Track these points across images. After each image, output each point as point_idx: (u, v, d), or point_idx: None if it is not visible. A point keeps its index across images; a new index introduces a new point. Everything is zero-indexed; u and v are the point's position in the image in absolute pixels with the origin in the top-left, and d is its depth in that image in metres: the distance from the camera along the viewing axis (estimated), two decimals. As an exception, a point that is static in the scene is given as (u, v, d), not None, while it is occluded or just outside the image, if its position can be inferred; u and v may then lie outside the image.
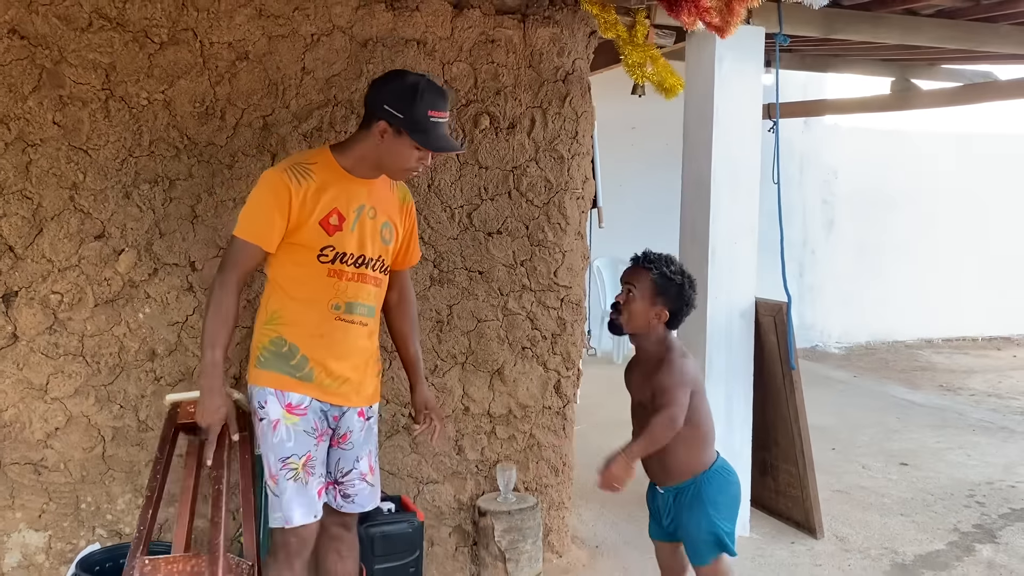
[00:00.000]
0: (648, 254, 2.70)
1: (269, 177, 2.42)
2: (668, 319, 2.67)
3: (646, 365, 2.70)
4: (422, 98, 2.37)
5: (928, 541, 3.94)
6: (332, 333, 2.47)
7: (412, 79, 2.42)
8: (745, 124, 3.82)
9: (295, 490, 2.47)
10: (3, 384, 2.86)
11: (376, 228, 2.51)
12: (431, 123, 2.39)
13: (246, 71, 3.01)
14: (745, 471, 3.95)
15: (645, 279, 2.65)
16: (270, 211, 2.38)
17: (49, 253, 2.87)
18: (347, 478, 2.61)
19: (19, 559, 2.94)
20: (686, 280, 2.67)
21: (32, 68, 2.79)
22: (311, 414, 2.48)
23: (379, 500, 2.71)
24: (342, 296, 2.46)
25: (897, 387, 7.18)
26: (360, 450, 2.62)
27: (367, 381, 2.59)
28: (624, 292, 2.68)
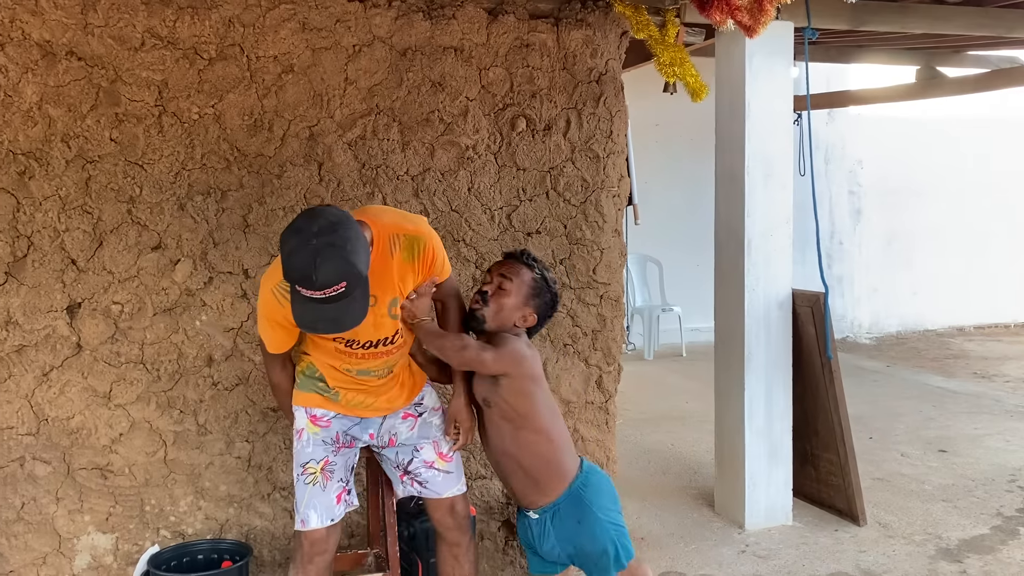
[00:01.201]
0: (530, 252, 2.56)
1: (263, 296, 2.40)
2: (532, 326, 2.50)
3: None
4: (288, 264, 2.14)
5: (972, 526, 3.97)
6: (348, 384, 2.58)
7: (295, 238, 2.13)
8: (777, 118, 3.87)
9: (312, 493, 2.55)
10: (70, 393, 2.97)
11: (382, 313, 2.43)
12: (298, 294, 2.16)
13: (292, 83, 3.10)
14: (787, 461, 4.00)
15: (525, 276, 2.45)
16: (273, 328, 2.45)
17: (109, 265, 2.98)
18: (412, 467, 2.67)
19: (89, 560, 3.05)
20: (558, 291, 2.57)
21: (89, 88, 2.90)
22: (335, 426, 2.61)
23: (459, 487, 2.68)
24: (353, 365, 2.53)
25: (931, 375, 7.18)
26: (417, 442, 2.68)
27: (395, 396, 2.64)
28: (495, 283, 2.46)
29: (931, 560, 3.62)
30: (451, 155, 3.34)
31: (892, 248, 9.06)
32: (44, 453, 2.97)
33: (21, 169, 2.86)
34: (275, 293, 2.36)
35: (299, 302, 2.17)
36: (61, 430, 2.98)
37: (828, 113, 8.59)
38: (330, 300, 2.13)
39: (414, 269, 2.44)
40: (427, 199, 3.32)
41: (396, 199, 3.28)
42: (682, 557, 3.68)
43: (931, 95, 6.73)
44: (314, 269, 2.08)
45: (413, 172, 3.30)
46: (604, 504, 2.50)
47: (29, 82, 2.84)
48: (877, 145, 8.90)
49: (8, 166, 2.85)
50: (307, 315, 2.19)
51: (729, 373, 4.01)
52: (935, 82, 6.44)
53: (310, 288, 2.11)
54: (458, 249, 3.38)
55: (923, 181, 9.03)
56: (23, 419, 2.94)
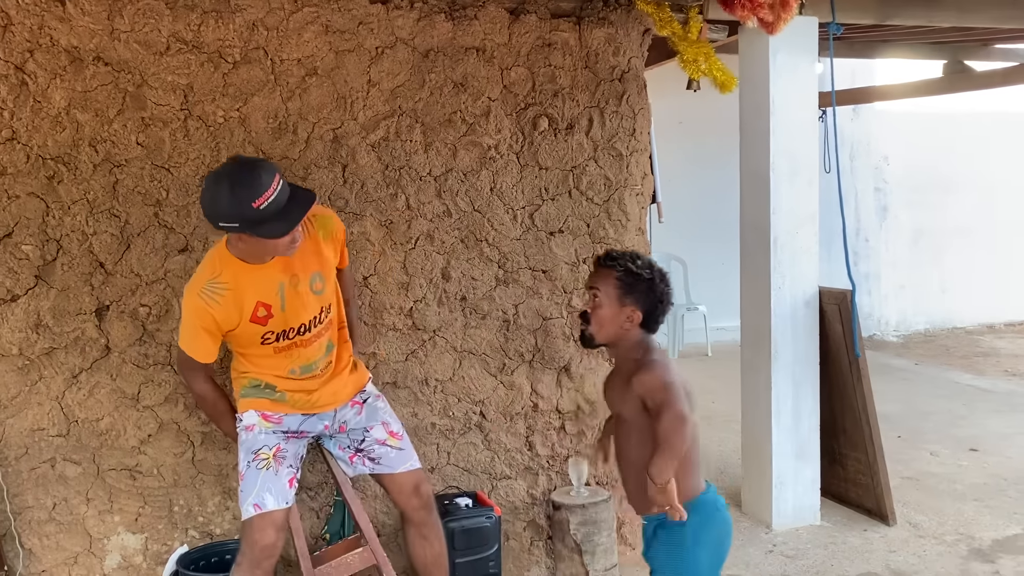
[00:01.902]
0: (609, 252, 2.40)
1: (188, 302, 2.51)
2: (642, 320, 2.34)
3: (621, 374, 2.37)
4: (237, 197, 2.27)
5: (1004, 526, 3.91)
6: (296, 387, 2.67)
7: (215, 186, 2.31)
8: (801, 114, 3.83)
9: (266, 477, 2.59)
10: (99, 394, 3.01)
11: (305, 291, 2.56)
12: (264, 211, 2.28)
13: (315, 86, 3.12)
14: (814, 460, 3.97)
15: (609, 280, 2.34)
16: (198, 332, 2.53)
17: (137, 268, 3.01)
18: (364, 444, 2.76)
19: (119, 560, 3.08)
20: (656, 274, 2.35)
21: (116, 92, 2.93)
22: (287, 423, 2.69)
23: (413, 462, 2.77)
24: (296, 362, 2.63)
25: (960, 373, 7.08)
26: (366, 423, 2.76)
27: (341, 389, 2.74)
28: (590, 298, 2.38)
29: (963, 560, 3.57)
30: (473, 155, 3.34)
31: (919, 245, 8.94)
32: (74, 454, 3.00)
33: (50, 174, 2.90)
34: (202, 295, 2.48)
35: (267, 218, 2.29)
36: (91, 431, 3.01)
37: (853, 109, 8.50)
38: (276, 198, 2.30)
39: (332, 242, 2.64)
40: (450, 199, 3.32)
41: (419, 199, 3.29)
42: (709, 557, 3.65)
43: (959, 89, 6.63)
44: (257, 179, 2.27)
45: (436, 173, 3.31)
46: (702, 537, 2.30)
47: (57, 87, 2.87)
48: (903, 141, 8.79)
49: (37, 171, 2.89)
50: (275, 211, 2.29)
51: (756, 372, 3.98)
52: (962, 76, 6.35)
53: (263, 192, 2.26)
54: (481, 249, 3.38)
55: (951, 177, 8.90)
56: (54, 421, 2.98)
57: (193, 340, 2.56)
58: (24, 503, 2.97)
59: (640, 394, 2.25)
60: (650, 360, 2.29)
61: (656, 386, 2.22)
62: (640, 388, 2.25)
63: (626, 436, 2.35)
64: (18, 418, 2.94)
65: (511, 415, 3.47)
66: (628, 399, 2.30)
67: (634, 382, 2.26)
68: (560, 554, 3.37)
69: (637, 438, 2.31)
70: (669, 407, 2.18)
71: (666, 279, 2.37)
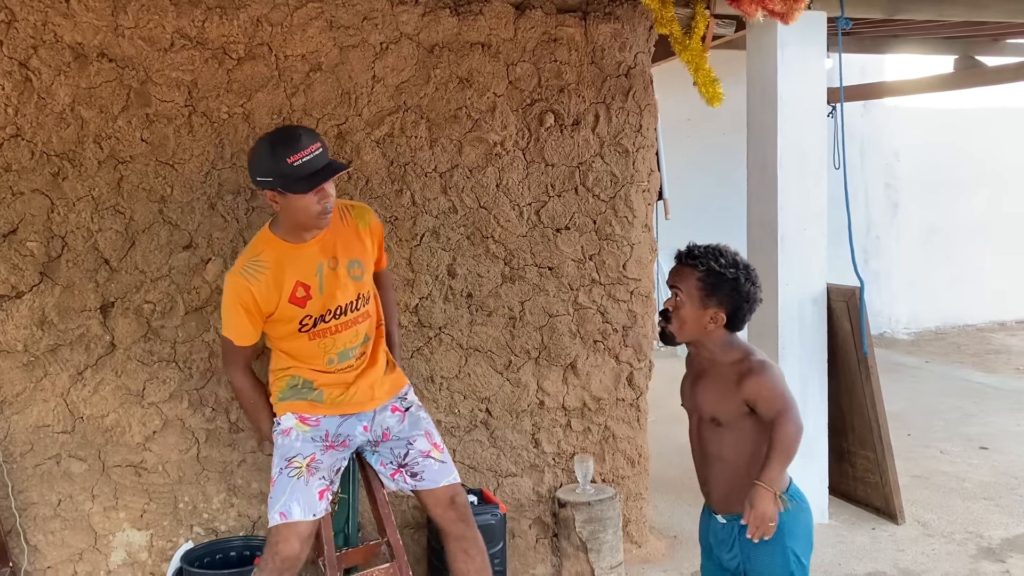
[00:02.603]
0: (692, 249, 2.30)
1: (229, 282, 2.54)
2: (727, 320, 2.26)
3: (716, 376, 2.29)
4: (275, 154, 2.39)
5: (1015, 524, 3.87)
6: (333, 380, 2.65)
7: (259, 144, 2.48)
8: (810, 110, 3.80)
9: (296, 487, 2.54)
10: (104, 391, 3.01)
11: (343, 275, 2.58)
12: (299, 167, 2.37)
13: (320, 82, 3.11)
14: (822, 458, 3.94)
15: (691, 279, 2.25)
16: (239, 314, 2.54)
17: (141, 264, 3.01)
18: (408, 459, 2.68)
19: (124, 557, 3.08)
20: (741, 272, 2.24)
21: (120, 89, 2.93)
22: (324, 425, 2.64)
23: (453, 476, 2.69)
24: (331, 351, 2.61)
25: (971, 371, 7.03)
26: (409, 435, 2.70)
27: (377, 385, 2.70)
28: (672, 297, 2.29)
29: (972, 559, 3.54)
30: (479, 151, 3.33)
31: (930, 242, 8.88)
32: (79, 451, 3.01)
33: (55, 170, 2.90)
34: (243, 273, 2.51)
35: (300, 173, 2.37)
36: (96, 428, 3.01)
37: (863, 105, 8.44)
38: (315, 158, 2.39)
39: (364, 237, 2.65)
40: (455, 196, 3.31)
41: (424, 196, 3.27)
42: (716, 556, 3.63)
43: (970, 85, 6.57)
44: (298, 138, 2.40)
45: (441, 169, 3.29)
46: (797, 535, 2.25)
47: (62, 84, 2.87)
48: (914, 137, 8.73)
49: (42, 167, 2.89)
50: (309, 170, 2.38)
51: (763, 369, 3.94)
52: (974, 72, 6.30)
53: (300, 151, 2.37)
54: (487, 246, 3.37)
55: (962, 173, 8.83)
56: (59, 417, 2.98)
57: (232, 320, 2.56)
58: (29, 499, 2.98)
59: (749, 398, 2.20)
60: (759, 363, 2.23)
61: (773, 393, 2.20)
62: (751, 392, 2.20)
63: (719, 438, 2.29)
64: (23, 415, 2.95)
65: (517, 412, 3.46)
66: (731, 402, 2.23)
67: (745, 386, 2.20)
68: (565, 552, 3.36)
69: (732, 439, 2.27)
70: (788, 415, 2.17)
71: (752, 276, 2.27)
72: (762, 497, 2.14)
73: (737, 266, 2.25)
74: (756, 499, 2.14)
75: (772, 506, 2.14)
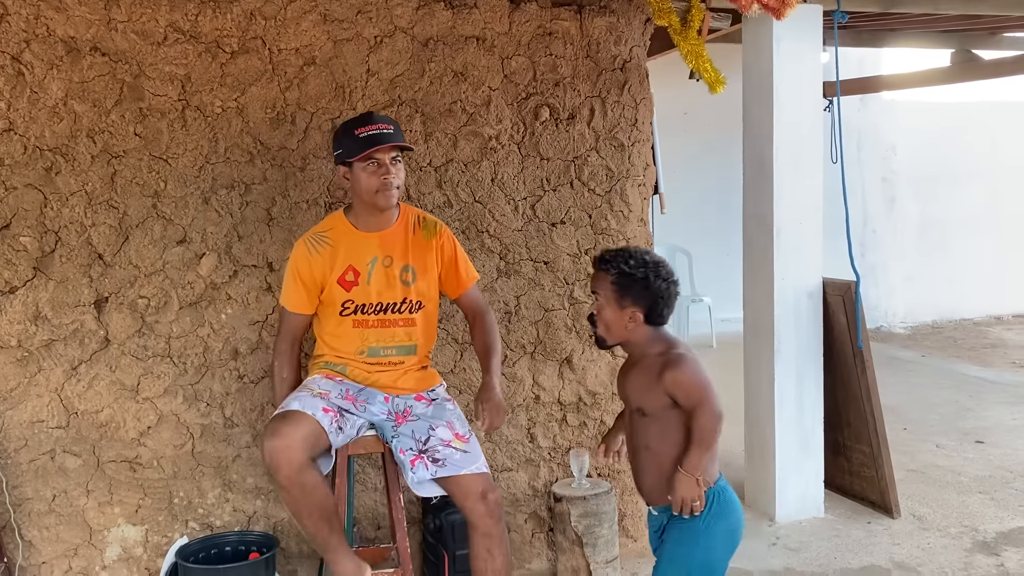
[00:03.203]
0: (604, 253, 2.37)
1: (295, 249, 2.72)
2: (647, 317, 2.32)
3: (643, 368, 2.36)
4: (346, 130, 2.63)
5: (1010, 518, 3.88)
6: (362, 368, 2.73)
7: (337, 129, 2.75)
8: (806, 103, 3.80)
9: (303, 395, 2.59)
10: (98, 386, 3.00)
11: (394, 275, 2.70)
12: (361, 138, 2.58)
13: (314, 75, 3.10)
14: (818, 452, 3.94)
15: (605, 283, 2.33)
16: (294, 280, 2.69)
17: (135, 259, 3.00)
18: (429, 444, 2.64)
19: (119, 552, 3.08)
20: (650, 271, 2.30)
21: (113, 83, 2.92)
22: (347, 384, 2.71)
23: (480, 464, 2.64)
24: (366, 343, 2.70)
25: (967, 365, 7.03)
26: (432, 420, 2.69)
27: (402, 379, 2.77)
28: (594, 303, 2.38)
29: (967, 553, 3.55)
30: (474, 145, 3.32)
31: (927, 235, 8.88)
32: (74, 446, 3.00)
33: (48, 165, 2.89)
34: (308, 242, 2.68)
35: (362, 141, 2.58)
36: (90, 423, 3.01)
37: (860, 99, 8.43)
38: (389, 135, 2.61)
39: (433, 247, 2.76)
40: (450, 190, 3.30)
41: (419, 190, 3.27)
42: (711, 550, 3.64)
43: (967, 78, 6.56)
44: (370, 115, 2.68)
45: (436, 163, 3.28)
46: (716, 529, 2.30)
47: (54, 78, 2.86)
48: (911, 131, 8.73)
49: (35, 162, 2.88)
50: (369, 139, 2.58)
51: (758, 364, 3.95)
52: (971, 66, 6.29)
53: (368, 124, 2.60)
54: (482, 240, 3.36)
55: (959, 167, 8.83)
56: (53, 412, 2.97)
57: (287, 289, 2.72)
58: (24, 495, 2.97)
59: (670, 390, 2.27)
60: (679, 355, 2.29)
61: (692, 384, 2.26)
62: (672, 384, 2.27)
63: (645, 429, 2.35)
64: (17, 410, 2.94)
65: (513, 407, 3.46)
66: (654, 393, 2.30)
67: (665, 378, 2.27)
68: (561, 546, 3.36)
69: (659, 430, 2.33)
70: (706, 405, 2.26)
71: (663, 272, 2.33)
72: (682, 481, 2.25)
73: (646, 265, 2.31)
74: (676, 483, 2.26)
75: (694, 489, 2.24)
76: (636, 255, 2.34)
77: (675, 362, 2.28)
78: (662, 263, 2.35)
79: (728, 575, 3.30)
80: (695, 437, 2.26)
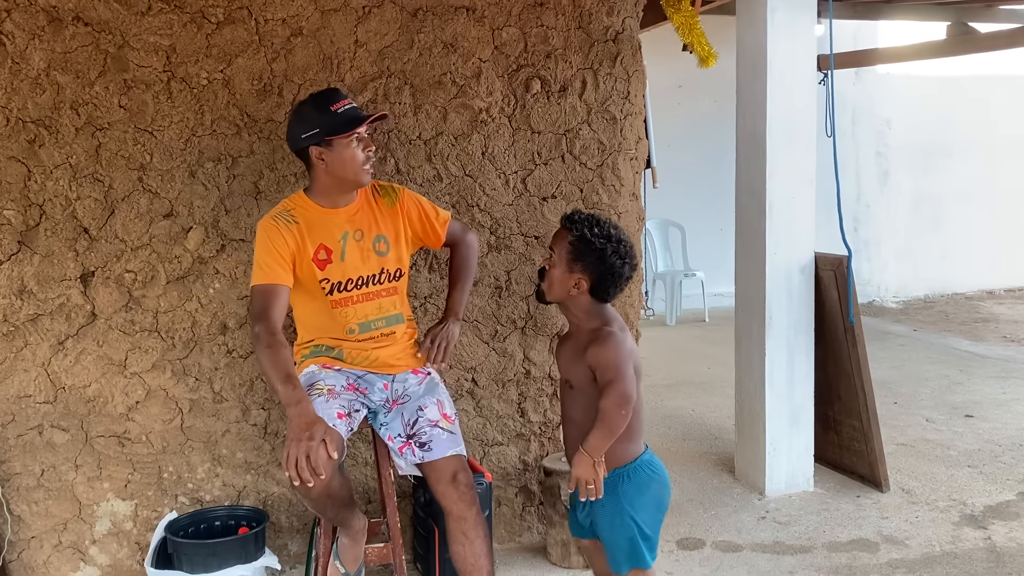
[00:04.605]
0: (573, 214, 2.35)
1: (262, 225, 2.60)
2: (592, 289, 2.31)
3: (575, 340, 2.37)
4: (317, 106, 2.54)
5: (997, 492, 3.90)
6: (355, 347, 2.69)
7: (299, 105, 2.66)
8: (800, 77, 3.76)
9: (317, 403, 2.48)
10: (85, 361, 2.98)
11: (367, 247, 2.66)
12: (341, 114, 2.52)
13: (301, 47, 3.05)
14: (808, 426, 3.95)
15: (564, 242, 2.32)
16: (271, 251, 2.53)
17: (121, 233, 2.97)
18: (416, 428, 2.62)
19: (109, 527, 3.08)
20: (611, 245, 2.28)
21: (97, 54, 2.87)
22: (346, 371, 2.69)
23: (461, 448, 2.63)
24: (352, 320, 2.65)
25: (959, 339, 7.06)
26: (422, 400, 2.67)
27: (401, 355, 2.75)
28: (548, 256, 2.39)
29: (955, 526, 3.57)
30: (464, 118, 3.28)
31: (920, 210, 8.88)
32: (62, 421, 2.99)
33: (31, 137, 2.85)
34: (275, 219, 2.58)
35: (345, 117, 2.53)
36: (78, 398, 2.99)
37: (855, 72, 8.38)
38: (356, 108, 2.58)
39: (394, 214, 2.72)
40: (440, 164, 3.27)
41: (409, 164, 3.23)
42: (701, 523, 3.66)
43: (963, 51, 6.52)
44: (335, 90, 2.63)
45: (426, 136, 3.25)
46: (639, 505, 2.35)
47: (36, 48, 2.81)
48: (906, 105, 8.69)
49: (18, 134, 2.83)
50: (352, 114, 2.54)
51: (749, 338, 3.95)
52: (966, 38, 6.25)
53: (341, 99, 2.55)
54: (472, 214, 3.33)
55: (953, 141, 8.82)
56: (40, 387, 2.95)
57: (263, 262, 2.51)
58: (12, 469, 2.96)
59: (591, 365, 2.28)
60: (606, 333, 2.29)
61: (608, 362, 2.26)
62: (592, 360, 2.27)
63: (572, 401, 2.39)
64: (4, 385, 2.92)
65: (503, 382, 3.45)
66: (579, 366, 2.32)
67: (588, 353, 2.28)
68: (551, 520, 3.37)
69: (584, 404, 2.36)
70: (615, 387, 2.24)
71: (622, 251, 2.30)
72: (578, 462, 2.28)
73: (609, 238, 2.29)
74: (574, 463, 2.30)
75: (589, 471, 2.26)
76: (603, 225, 2.32)
77: (601, 338, 2.28)
78: (626, 243, 2.33)
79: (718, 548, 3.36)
80: (598, 417, 2.26)
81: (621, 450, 2.34)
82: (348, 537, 2.72)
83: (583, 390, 2.34)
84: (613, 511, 2.34)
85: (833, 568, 3.25)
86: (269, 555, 2.95)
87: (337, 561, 2.74)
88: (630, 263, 2.34)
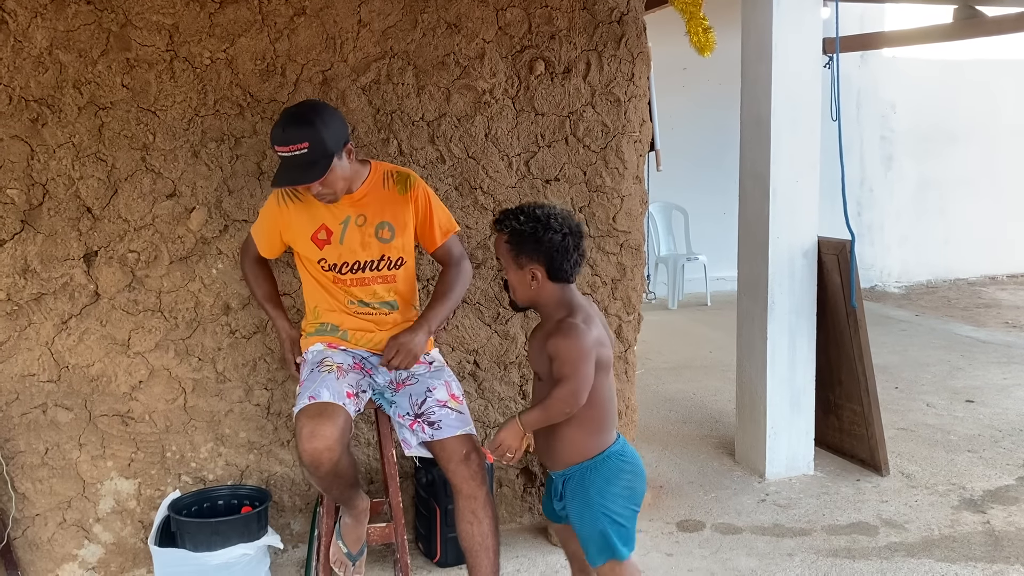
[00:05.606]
0: (499, 215, 2.30)
1: (268, 201, 2.73)
2: (549, 274, 2.25)
3: (542, 331, 2.31)
4: (272, 133, 2.53)
5: (997, 476, 3.92)
6: (358, 325, 2.73)
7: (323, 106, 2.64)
8: (805, 60, 3.74)
9: (327, 379, 2.50)
10: (89, 341, 2.99)
11: (369, 233, 2.67)
12: (281, 157, 2.52)
13: (304, 26, 3.04)
14: (809, 410, 3.96)
15: (502, 245, 2.28)
16: (263, 221, 2.76)
17: (125, 213, 2.97)
18: (425, 407, 2.62)
19: (112, 505, 3.10)
20: (540, 224, 2.22)
21: (99, 32, 2.86)
22: (351, 352, 2.72)
23: (471, 428, 2.63)
24: (353, 296, 2.71)
25: (961, 325, 7.06)
26: (429, 382, 2.68)
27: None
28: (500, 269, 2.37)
29: (954, 511, 3.58)
30: (467, 100, 3.27)
31: (924, 195, 8.86)
32: (66, 400, 3.00)
33: (33, 116, 2.84)
34: (279, 195, 2.67)
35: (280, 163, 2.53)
36: (82, 377, 3.00)
37: (861, 55, 8.34)
38: (295, 158, 2.47)
39: (404, 204, 2.71)
40: (443, 145, 3.26)
41: (412, 145, 3.22)
42: (701, 505, 3.68)
43: (970, 35, 6.47)
44: (283, 129, 2.47)
45: (429, 117, 3.24)
46: (608, 493, 2.30)
47: (39, 27, 2.80)
48: (911, 89, 8.65)
49: (20, 113, 2.83)
50: (279, 171, 2.52)
51: (751, 322, 3.95)
52: (973, 22, 6.19)
53: (279, 144, 2.48)
54: (475, 197, 3.33)
55: (957, 126, 8.78)
56: (44, 366, 2.96)
57: (259, 224, 2.77)
58: (16, 448, 2.98)
59: (551, 355, 2.23)
60: (568, 325, 2.22)
61: (565, 355, 2.20)
62: (552, 350, 2.22)
63: (540, 391, 2.34)
64: (8, 363, 2.93)
65: (505, 364, 3.46)
66: (543, 358, 2.27)
67: (548, 343, 2.23)
68: (552, 502, 3.38)
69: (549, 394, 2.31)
70: (567, 384, 2.20)
71: (555, 224, 2.23)
72: (508, 427, 2.27)
73: (537, 220, 2.23)
74: (503, 427, 2.28)
75: (515, 440, 2.26)
76: (527, 211, 2.25)
77: (563, 330, 2.22)
78: (556, 215, 2.26)
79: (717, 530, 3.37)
80: (545, 401, 2.23)
81: (588, 442, 2.30)
82: (351, 517, 2.74)
83: (549, 381, 2.28)
84: (583, 504, 2.30)
85: (832, 551, 3.26)
86: (272, 534, 2.97)
87: (340, 540, 2.76)
88: (570, 232, 2.25)
